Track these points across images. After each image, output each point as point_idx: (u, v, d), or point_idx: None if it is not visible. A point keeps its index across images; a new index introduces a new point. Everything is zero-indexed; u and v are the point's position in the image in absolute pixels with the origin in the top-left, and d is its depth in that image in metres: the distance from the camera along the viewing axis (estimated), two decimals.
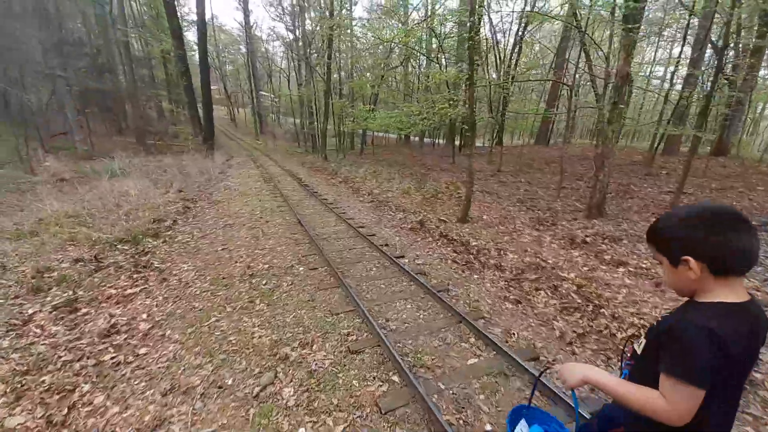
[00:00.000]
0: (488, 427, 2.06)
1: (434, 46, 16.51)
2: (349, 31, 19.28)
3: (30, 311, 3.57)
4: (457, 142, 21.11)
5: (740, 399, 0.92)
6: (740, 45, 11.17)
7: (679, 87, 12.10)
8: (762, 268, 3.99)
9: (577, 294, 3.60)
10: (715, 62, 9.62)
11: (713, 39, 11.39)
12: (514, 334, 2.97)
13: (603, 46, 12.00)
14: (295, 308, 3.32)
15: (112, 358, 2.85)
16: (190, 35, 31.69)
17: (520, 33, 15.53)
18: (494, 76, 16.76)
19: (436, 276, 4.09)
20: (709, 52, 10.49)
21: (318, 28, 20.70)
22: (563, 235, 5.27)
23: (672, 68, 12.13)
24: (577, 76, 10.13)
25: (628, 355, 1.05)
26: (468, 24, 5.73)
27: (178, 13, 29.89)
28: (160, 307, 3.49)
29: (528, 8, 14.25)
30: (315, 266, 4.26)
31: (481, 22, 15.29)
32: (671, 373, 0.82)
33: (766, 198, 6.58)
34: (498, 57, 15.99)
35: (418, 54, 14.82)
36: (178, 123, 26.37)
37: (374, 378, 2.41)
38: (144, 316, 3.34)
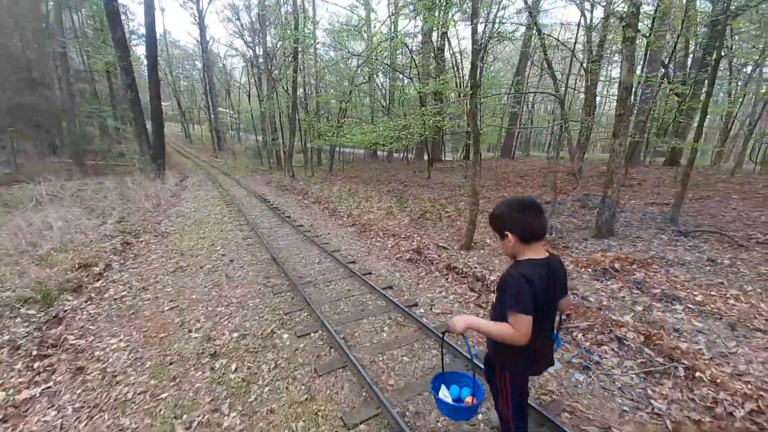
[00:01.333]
0: None
1: (398, 61, 15.99)
2: (312, 50, 18.30)
3: None
4: (425, 157, 20.68)
5: (552, 314, 1.40)
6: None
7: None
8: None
9: (649, 348, 2.75)
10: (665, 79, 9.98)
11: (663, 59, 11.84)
12: None
13: (570, 64, 12.05)
14: (287, 418, 2.10)
15: None
16: (140, 50, 28.91)
17: (481, 53, 15.49)
18: (453, 95, 16.59)
19: (468, 333, 3.07)
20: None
21: (280, 43, 19.47)
22: (586, 261, 4.52)
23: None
24: (559, 90, 9.84)
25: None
26: (471, 26, 4.95)
27: (126, 26, 27.16)
28: (67, 429, 2.10)
29: (489, 27, 14.22)
30: (305, 330, 3.04)
31: (445, 44, 14.94)
32: (511, 308, 1.22)
33: (751, 207, 6.41)
34: (459, 76, 15.79)
35: (388, 68, 14.16)
36: (125, 141, 23.58)
37: None
38: None
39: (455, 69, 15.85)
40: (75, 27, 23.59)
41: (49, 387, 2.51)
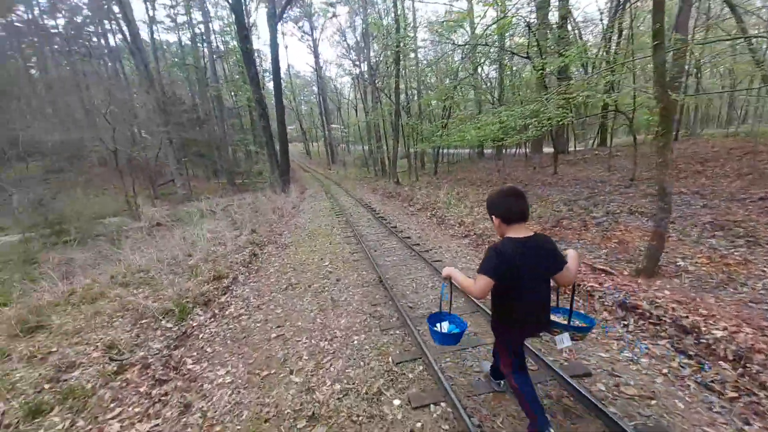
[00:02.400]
0: None
1: (507, 45, 14.01)
2: (413, 55, 17.94)
3: None
4: (545, 149, 17.70)
5: (537, 287, 1.60)
6: None
7: None
8: None
9: None
10: None
11: None
12: None
13: None
14: None
15: None
16: (272, 85, 34.27)
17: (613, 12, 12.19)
18: (575, 71, 13.53)
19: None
20: None
21: (382, 54, 19.85)
22: None
23: None
24: None
25: None
26: None
27: (260, 66, 32.46)
28: None
29: None
30: (423, 398, 2.20)
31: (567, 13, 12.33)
32: (479, 270, 1.54)
33: None
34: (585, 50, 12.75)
35: (497, 55, 12.53)
36: (261, 162, 27.85)
37: None
38: None
39: (579, 40, 13.00)
40: (226, 74, 29.39)
41: (157, 426, 2.35)
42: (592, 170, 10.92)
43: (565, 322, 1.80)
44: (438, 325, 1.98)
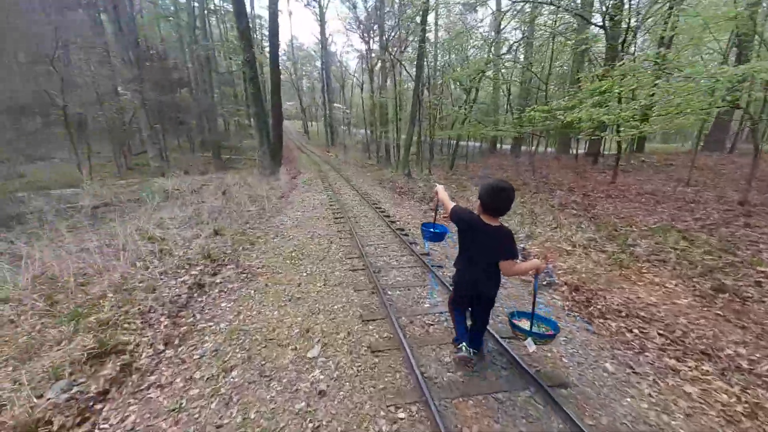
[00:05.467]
0: None
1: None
2: (433, 30, 14.79)
3: None
4: (579, 150, 15.03)
5: (479, 260, 2.01)
6: None
7: None
8: None
9: None
10: None
11: None
12: None
13: None
14: None
15: None
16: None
17: None
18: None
19: None
20: None
21: (396, 29, 16.62)
22: None
23: None
24: None
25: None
26: None
27: (258, 31, 28.50)
28: None
29: None
30: None
31: None
32: (451, 204, 2.12)
33: None
34: None
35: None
36: (252, 138, 24.57)
37: None
38: None
39: None
40: (221, 34, 25.48)
41: None
42: (656, 182, 8.39)
43: (528, 327, 1.94)
44: (430, 229, 2.58)
